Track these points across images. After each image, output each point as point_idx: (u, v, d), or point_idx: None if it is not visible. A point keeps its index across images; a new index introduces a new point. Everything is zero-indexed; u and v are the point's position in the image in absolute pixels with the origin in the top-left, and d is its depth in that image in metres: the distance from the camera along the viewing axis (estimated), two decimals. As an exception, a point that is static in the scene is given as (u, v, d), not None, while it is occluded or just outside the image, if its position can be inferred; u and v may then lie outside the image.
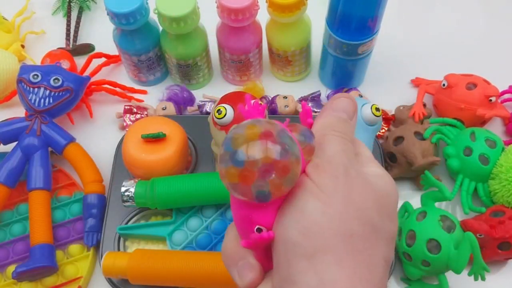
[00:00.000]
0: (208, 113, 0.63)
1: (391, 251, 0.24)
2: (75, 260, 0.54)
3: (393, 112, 0.63)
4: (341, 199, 0.23)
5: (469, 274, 0.48)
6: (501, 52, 0.70)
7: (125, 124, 0.63)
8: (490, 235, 0.50)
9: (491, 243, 0.50)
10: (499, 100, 0.61)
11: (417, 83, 0.66)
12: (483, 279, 0.48)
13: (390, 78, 0.68)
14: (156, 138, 0.53)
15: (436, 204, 0.53)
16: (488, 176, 0.55)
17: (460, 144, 0.56)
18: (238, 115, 0.46)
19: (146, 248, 0.54)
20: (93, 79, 0.65)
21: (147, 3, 0.59)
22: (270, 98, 0.64)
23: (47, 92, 0.57)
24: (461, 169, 0.56)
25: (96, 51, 0.71)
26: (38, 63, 0.69)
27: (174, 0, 0.56)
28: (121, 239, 0.54)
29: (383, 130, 0.62)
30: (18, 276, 0.50)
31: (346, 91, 0.64)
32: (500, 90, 0.61)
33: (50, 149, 0.58)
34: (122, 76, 0.69)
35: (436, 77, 0.67)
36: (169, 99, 0.64)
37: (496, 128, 0.63)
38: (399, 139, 0.58)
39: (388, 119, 0.63)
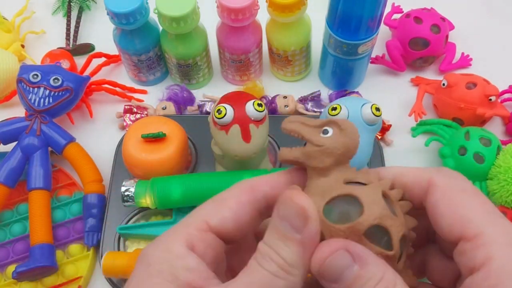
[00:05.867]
0: (208, 113, 0.63)
1: None
2: (75, 260, 0.54)
3: (390, 122, 0.62)
4: None
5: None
6: (501, 52, 0.70)
7: (125, 124, 0.63)
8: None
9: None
10: (499, 100, 0.61)
11: (416, 82, 0.66)
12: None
13: (390, 78, 0.68)
14: (156, 138, 0.52)
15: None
16: (485, 174, 0.55)
17: (455, 143, 0.56)
18: (238, 115, 0.46)
19: (146, 248, 0.54)
20: (93, 79, 0.65)
21: (147, 3, 0.59)
22: (270, 98, 0.64)
23: (47, 92, 0.57)
24: (457, 168, 0.56)
25: (96, 51, 0.71)
26: (38, 63, 0.69)
27: (174, 0, 0.56)
28: (121, 239, 0.54)
29: (379, 138, 0.61)
30: (18, 276, 0.50)
31: (347, 94, 0.64)
32: (500, 89, 0.61)
33: (50, 149, 0.58)
34: (122, 76, 0.69)
35: (436, 76, 0.67)
36: (169, 99, 0.64)
37: (496, 128, 0.63)
38: None
39: (383, 129, 0.61)
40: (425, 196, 0.24)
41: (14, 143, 0.57)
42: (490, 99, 0.58)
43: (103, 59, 0.68)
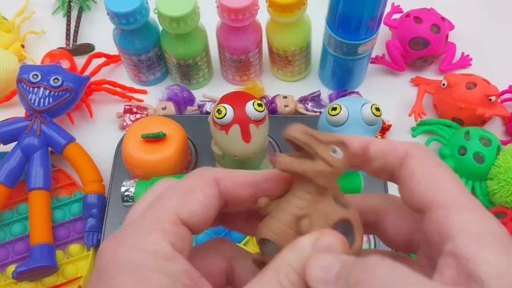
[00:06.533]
0: (208, 113, 0.63)
1: None
2: (75, 260, 0.55)
3: (390, 122, 0.62)
4: None
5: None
6: (501, 52, 0.70)
7: (125, 124, 0.63)
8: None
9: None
10: (499, 100, 0.61)
11: (417, 82, 0.66)
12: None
13: (390, 78, 0.68)
14: (156, 138, 0.52)
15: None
16: (484, 174, 0.55)
17: (455, 144, 0.56)
18: (238, 115, 0.46)
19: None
20: (93, 79, 0.65)
21: (147, 3, 0.59)
22: (270, 98, 0.64)
23: (47, 92, 0.57)
24: (457, 168, 0.56)
25: (96, 51, 0.71)
26: (38, 63, 0.69)
27: (174, 0, 0.56)
28: (121, 239, 0.54)
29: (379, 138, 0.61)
30: (18, 276, 0.50)
31: (347, 94, 0.64)
32: (500, 89, 0.61)
33: (50, 149, 0.58)
34: (122, 76, 0.69)
35: (436, 76, 0.67)
36: (169, 99, 0.64)
37: (496, 128, 0.63)
38: None
39: (383, 129, 0.61)
40: (399, 164, 0.25)
41: (14, 143, 0.57)
42: (490, 99, 0.58)
43: (103, 59, 0.68)
